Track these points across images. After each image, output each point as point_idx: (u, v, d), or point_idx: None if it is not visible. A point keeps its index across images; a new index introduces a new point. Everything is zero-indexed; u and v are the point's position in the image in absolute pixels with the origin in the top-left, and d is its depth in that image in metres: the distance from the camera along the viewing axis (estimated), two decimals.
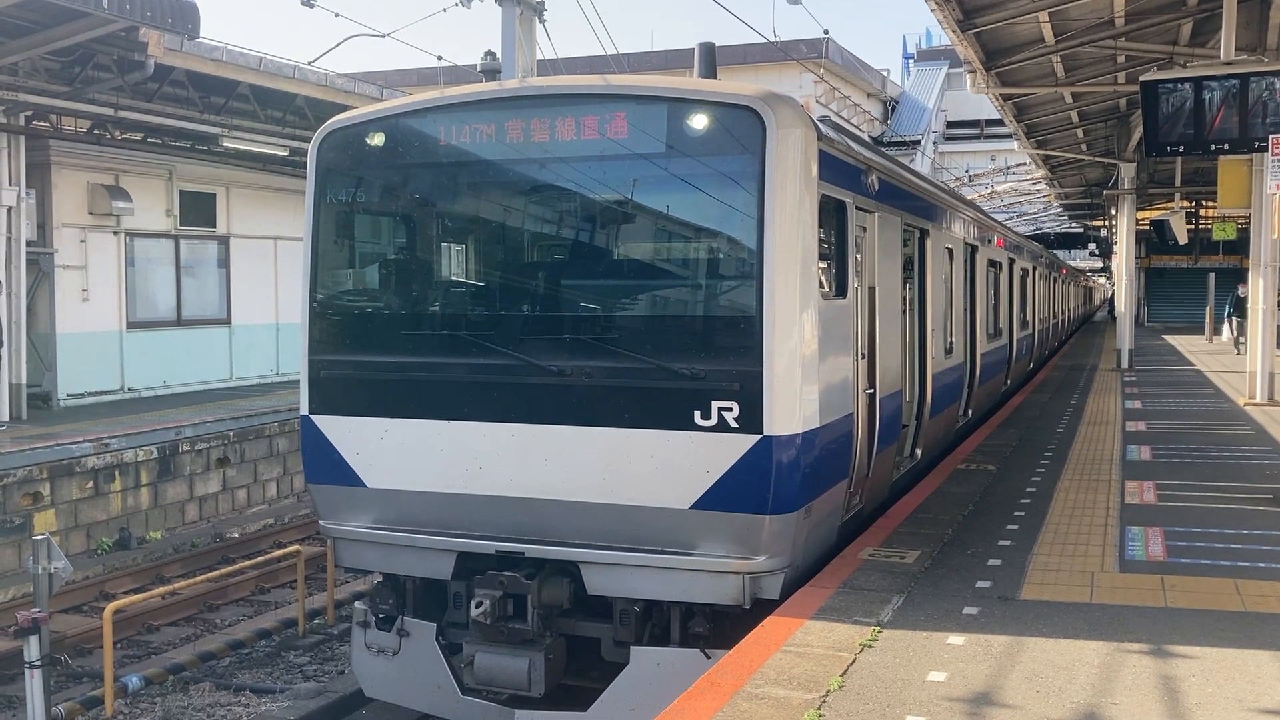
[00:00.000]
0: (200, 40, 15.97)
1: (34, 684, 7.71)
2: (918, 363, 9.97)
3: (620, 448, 6.58)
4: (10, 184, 15.98)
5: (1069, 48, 16.77)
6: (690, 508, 6.45)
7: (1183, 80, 11.89)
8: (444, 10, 16.25)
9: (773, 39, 19.29)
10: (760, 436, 6.32)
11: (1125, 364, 23.17)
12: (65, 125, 17.90)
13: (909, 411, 9.68)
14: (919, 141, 47.85)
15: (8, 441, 14.16)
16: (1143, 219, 32.03)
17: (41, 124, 17.17)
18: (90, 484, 14.04)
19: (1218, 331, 32.08)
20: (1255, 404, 15.97)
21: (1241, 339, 25.15)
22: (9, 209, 15.99)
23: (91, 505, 14.07)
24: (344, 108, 14.68)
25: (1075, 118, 23.69)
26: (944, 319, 11.16)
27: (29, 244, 16.61)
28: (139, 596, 10.56)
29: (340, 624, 11.31)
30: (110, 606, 9.50)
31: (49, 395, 17.73)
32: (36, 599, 7.74)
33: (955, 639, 5.70)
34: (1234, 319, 27.62)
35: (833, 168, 7.04)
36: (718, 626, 6.69)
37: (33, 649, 7.65)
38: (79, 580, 12.39)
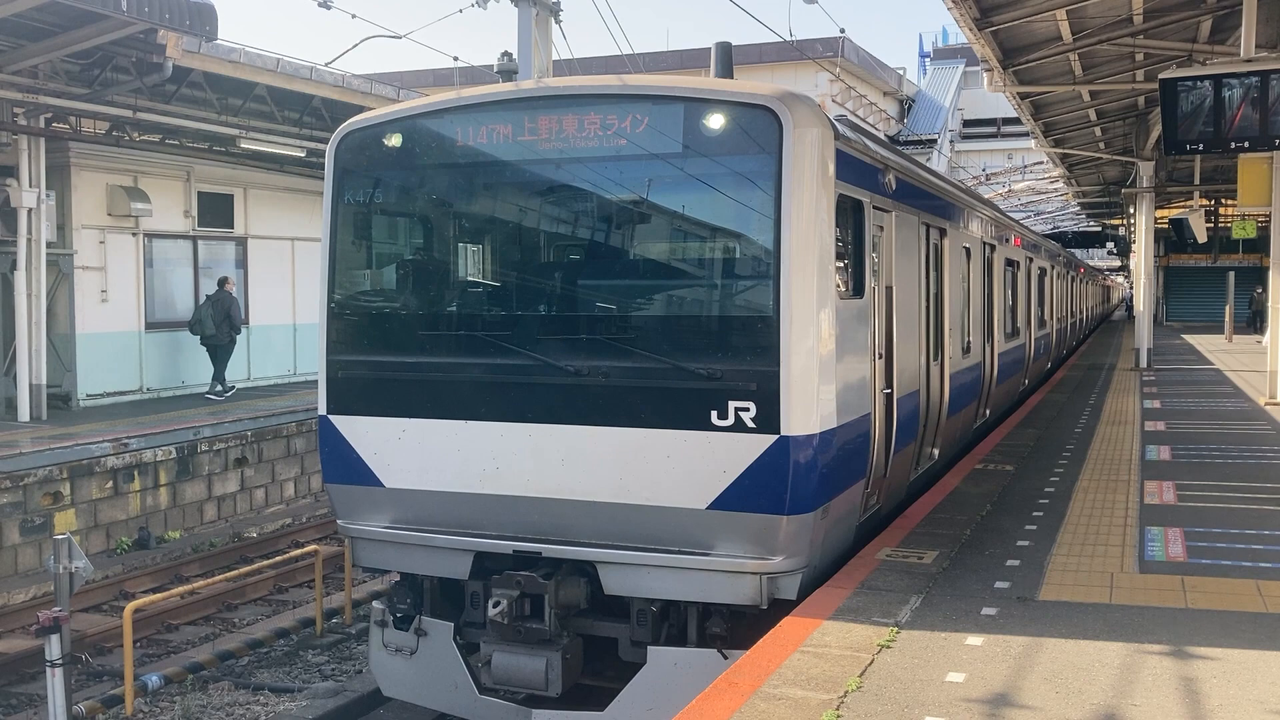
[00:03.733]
0: (218, 42, 16.05)
1: (55, 682, 7.76)
2: (935, 362, 9.94)
3: (637, 448, 6.58)
4: (30, 186, 16.08)
5: (1087, 45, 16.68)
6: (707, 508, 6.45)
7: (1202, 78, 11.80)
8: (460, 11, 16.29)
9: (788, 38, 19.27)
10: (777, 436, 6.31)
11: (1144, 363, 23.03)
12: (84, 127, 18.00)
13: (926, 411, 9.66)
14: (935, 140, 47.70)
15: (28, 441, 14.27)
16: (1161, 217, 31.81)
17: (61, 126, 17.28)
18: (110, 484, 14.12)
19: (1260, 331, 28.54)
20: (1276, 404, 15.86)
21: None
22: (29, 210, 16.09)
23: (111, 505, 14.16)
24: (361, 109, 14.75)
25: (1093, 116, 23.57)
26: (961, 318, 11.13)
27: (49, 245, 16.71)
28: (158, 596, 10.62)
29: (358, 623, 11.35)
30: (130, 606, 9.55)
31: (68, 395, 17.84)
32: (57, 598, 7.79)
33: (974, 640, 5.68)
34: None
35: (849, 167, 7.03)
36: (735, 627, 6.68)
37: (54, 648, 7.69)
38: (99, 580, 12.46)
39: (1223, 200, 35.37)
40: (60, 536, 7.90)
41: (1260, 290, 23.00)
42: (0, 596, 12.04)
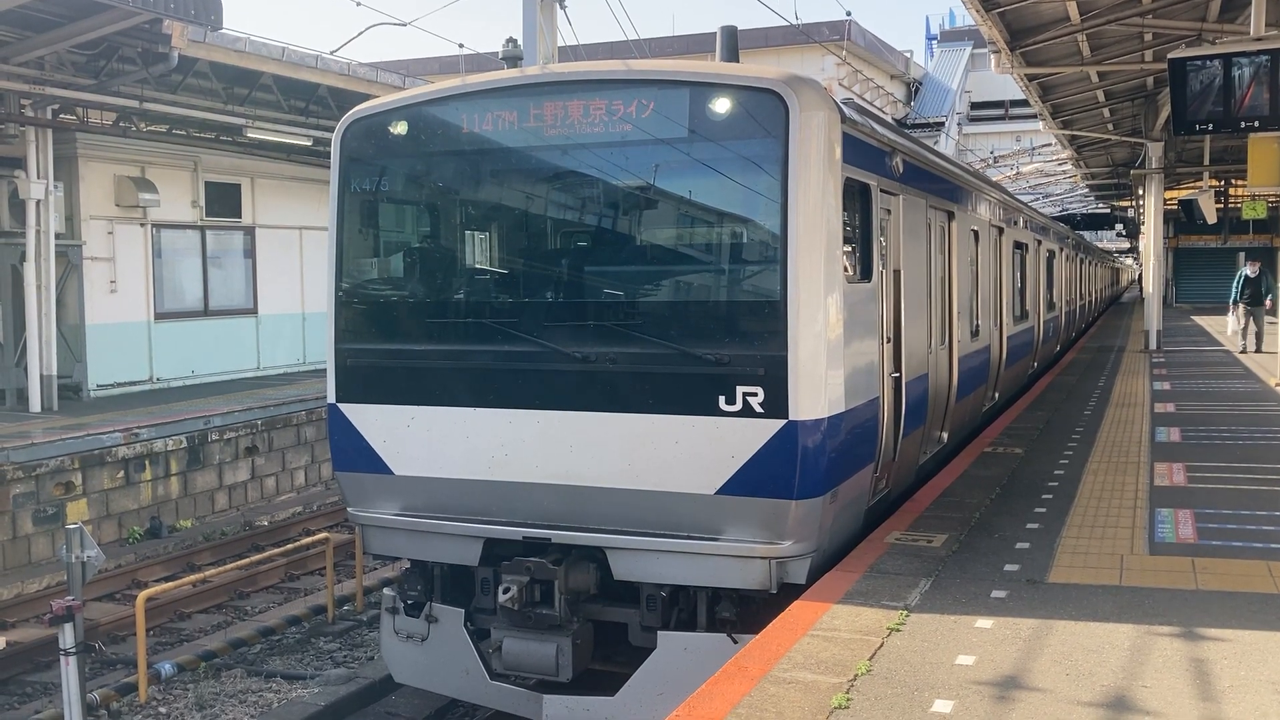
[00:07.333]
0: (223, 31, 16.05)
1: (69, 671, 7.80)
2: (944, 346, 9.92)
3: (645, 433, 6.59)
4: (38, 177, 16.12)
5: (1095, 26, 16.56)
6: (716, 493, 6.46)
7: (1212, 57, 11.72)
8: None
9: (794, 21, 19.15)
10: (785, 421, 6.31)
11: (1153, 345, 22.94)
12: (91, 118, 18.03)
13: (935, 394, 9.64)
14: (943, 123, 47.52)
15: (40, 432, 14.33)
16: (1170, 199, 31.65)
17: (68, 117, 17.30)
18: (121, 473, 14.19)
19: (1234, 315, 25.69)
20: None
21: (1254, 327, 21.59)
22: (37, 202, 16.13)
23: (122, 494, 14.23)
24: (366, 97, 14.73)
25: (1101, 97, 23.41)
26: (970, 301, 11.09)
27: (57, 236, 16.76)
28: (171, 584, 10.66)
29: (369, 610, 11.40)
30: (142, 594, 9.61)
31: (79, 386, 17.92)
32: (70, 587, 7.83)
33: (983, 622, 5.68)
34: (1242, 305, 22.15)
35: (856, 150, 7.00)
36: (744, 611, 6.69)
37: (67, 636, 7.74)
38: (111, 569, 12.53)
39: (1232, 181, 35.17)
40: (72, 526, 7.94)
41: (1252, 266, 21.89)
42: (14, 586, 12.12)
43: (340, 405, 7.50)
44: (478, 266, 7.68)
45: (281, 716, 8.84)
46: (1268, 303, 22.04)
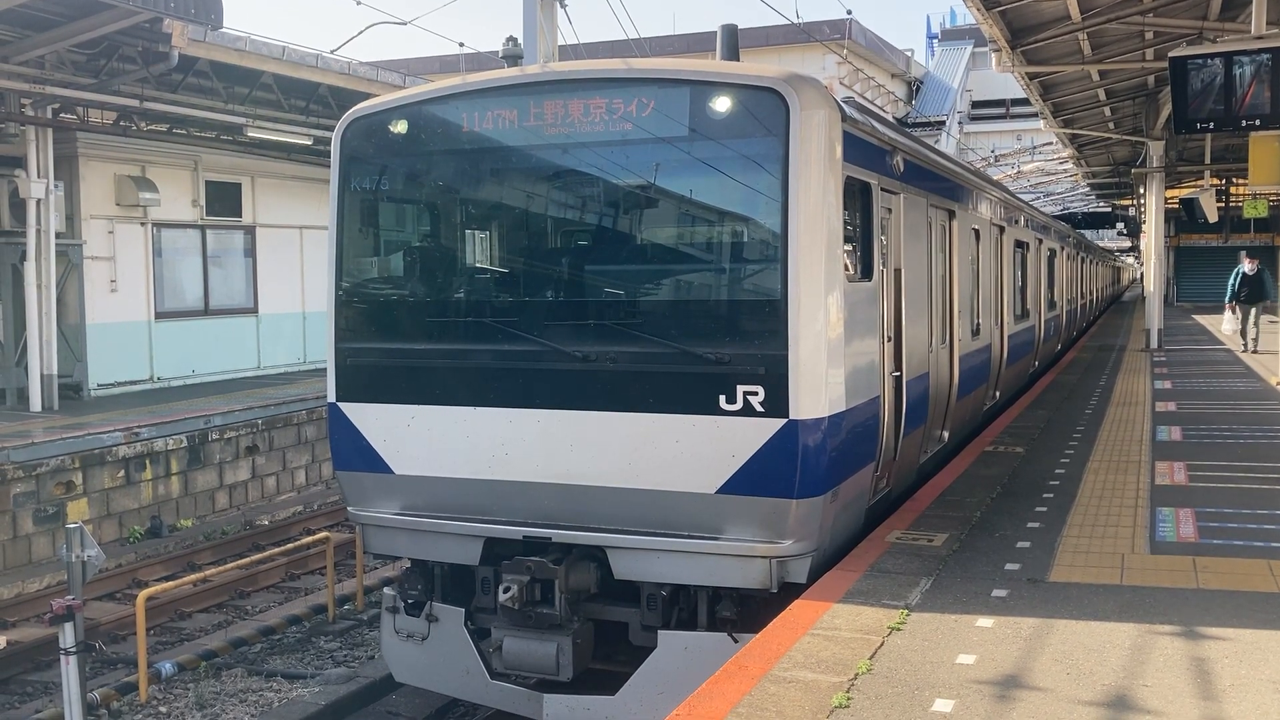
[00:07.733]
0: (223, 30, 16.05)
1: (69, 670, 7.80)
2: (944, 345, 9.91)
3: (645, 433, 6.58)
4: (39, 176, 16.12)
5: (1096, 24, 16.54)
6: (716, 492, 6.45)
7: (1213, 56, 11.70)
8: None
9: (795, 20, 19.13)
10: (786, 420, 6.31)
11: (1154, 344, 22.91)
12: (91, 117, 18.03)
13: (936, 393, 9.63)
14: (944, 122, 47.51)
15: (40, 431, 14.33)
16: (1171, 197, 31.62)
17: (68, 116, 17.30)
18: (121, 473, 14.18)
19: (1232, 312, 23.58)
20: None
21: (1252, 326, 21.37)
22: (38, 201, 16.12)
23: (123, 494, 14.22)
24: (367, 96, 14.71)
25: (1103, 95, 23.39)
26: (971, 300, 11.09)
27: (58, 235, 16.75)
28: (171, 584, 10.66)
29: (370, 610, 11.40)
30: (143, 594, 9.61)
31: (79, 385, 17.92)
32: (71, 587, 7.83)
33: (984, 621, 5.68)
34: (1238, 304, 21.92)
35: (857, 149, 7.00)
36: (745, 610, 6.69)
37: (68, 636, 7.74)
38: (112, 568, 12.53)
39: (1233, 179, 35.15)
40: (72, 525, 7.93)
41: (1250, 262, 21.65)
42: (15, 585, 12.12)
43: (340, 404, 7.50)
44: (478, 265, 7.68)
45: (282, 716, 8.83)
46: (1268, 304, 21.95)
